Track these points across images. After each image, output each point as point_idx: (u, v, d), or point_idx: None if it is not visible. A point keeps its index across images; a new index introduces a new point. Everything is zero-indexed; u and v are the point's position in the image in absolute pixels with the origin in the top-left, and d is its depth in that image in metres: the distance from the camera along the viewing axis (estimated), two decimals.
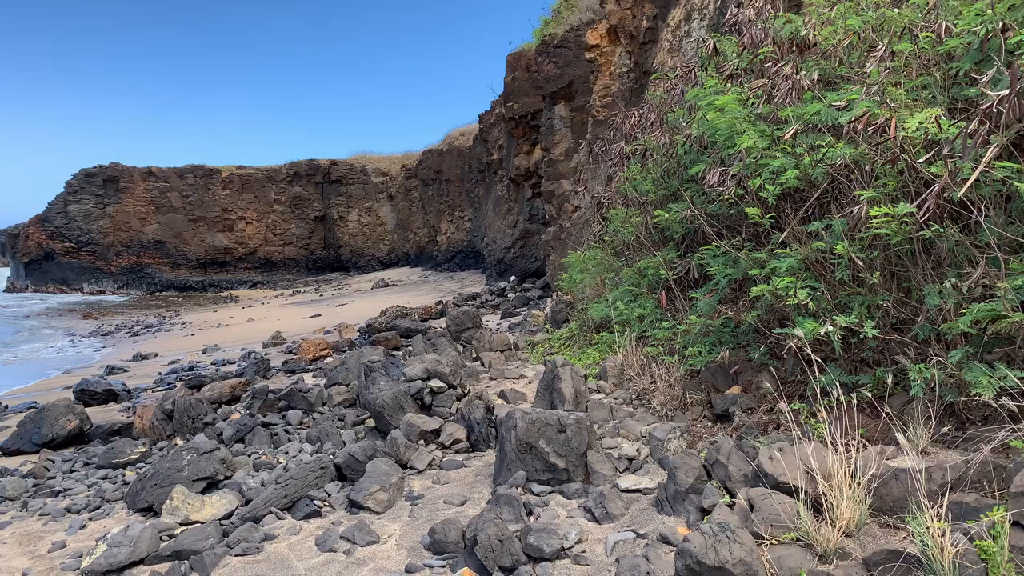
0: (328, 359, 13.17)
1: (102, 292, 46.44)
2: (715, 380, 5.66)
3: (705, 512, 4.03)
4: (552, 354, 8.56)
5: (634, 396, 6.31)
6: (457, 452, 6.13)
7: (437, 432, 6.31)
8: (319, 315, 24.87)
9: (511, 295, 21.27)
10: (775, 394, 4.78)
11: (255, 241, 49.65)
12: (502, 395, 7.32)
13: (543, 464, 4.90)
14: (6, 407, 12.73)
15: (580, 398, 6.08)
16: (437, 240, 42.52)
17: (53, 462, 8.09)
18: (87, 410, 9.81)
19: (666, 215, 6.27)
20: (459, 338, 11.50)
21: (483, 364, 9.19)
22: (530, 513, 4.49)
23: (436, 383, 7.07)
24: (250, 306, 34.17)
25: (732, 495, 4.05)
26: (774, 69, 5.84)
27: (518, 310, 16.75)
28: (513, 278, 25.26)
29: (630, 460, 5.04)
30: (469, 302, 20.26)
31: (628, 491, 4.60)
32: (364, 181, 48.97)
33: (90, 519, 5.95)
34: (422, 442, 6.19)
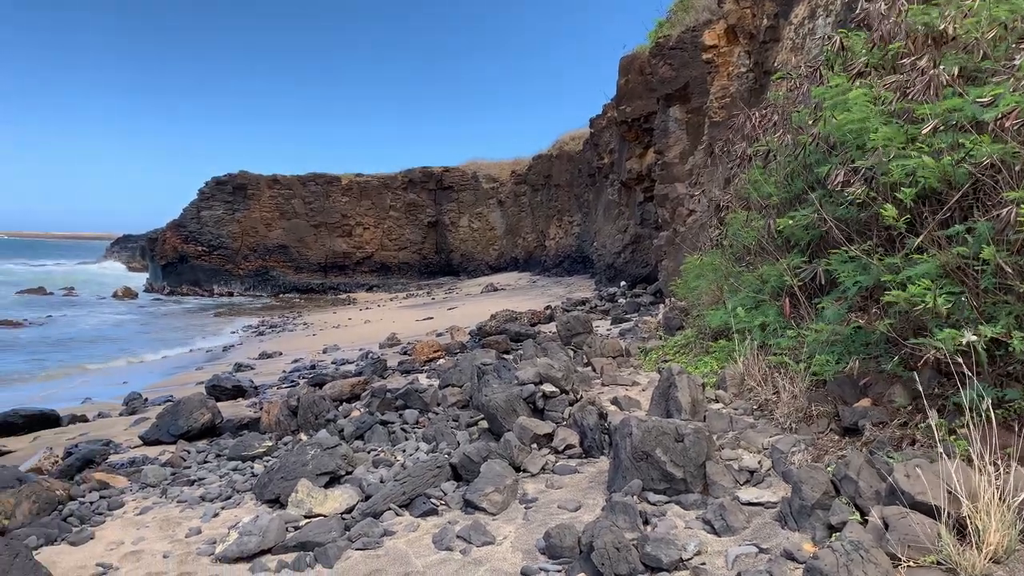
0: (441, 360, 13.41)
1: (230, 293, 49.21)
2: (842, 392, 5.40)
3: (833, 529, 3.85)
4: (666, 361, 8.41)
5: (755, 407, 6.10)
6: (570, 457, 6.10)
7: (550, 436, 6.31)
8: (431, 318, 25.40)
9: (621, 300, 21.03)
10: (911, 407, 4.51)
11: (372, 246, 51.35)
12: (615, 402, 7.24)
13: (659, 473, 4.81)
14: (146, 400, 13.69)
15: (697, 407, 5.94)
16: (545, 245, 42.62)
17: (188, 453, 8.58)
18: (218, 404, 10.36)
19: (790, 222, 6.03)
20: (570, 343, 11.46)
21: (595, 370, 9.13)
22: (646, 522, 4.42)
23: (548, 387, 7.08)
24: (367, 308, 35.33)
25: (863, 513, 3.84)
26: (909, 64, 5.53)
27: (629, 316, 16.54)
28: (623, 283, 25.00)
29: (751, 472, 4.88)
30: (578, 307, 20.16)
31: (749, 504, 4.46)
32: (475, 187, 49.76)
33: (222, 508, 6.26)
34: (535, 446, 6.20)
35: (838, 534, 3.72)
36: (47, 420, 11.91)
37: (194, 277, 50.23)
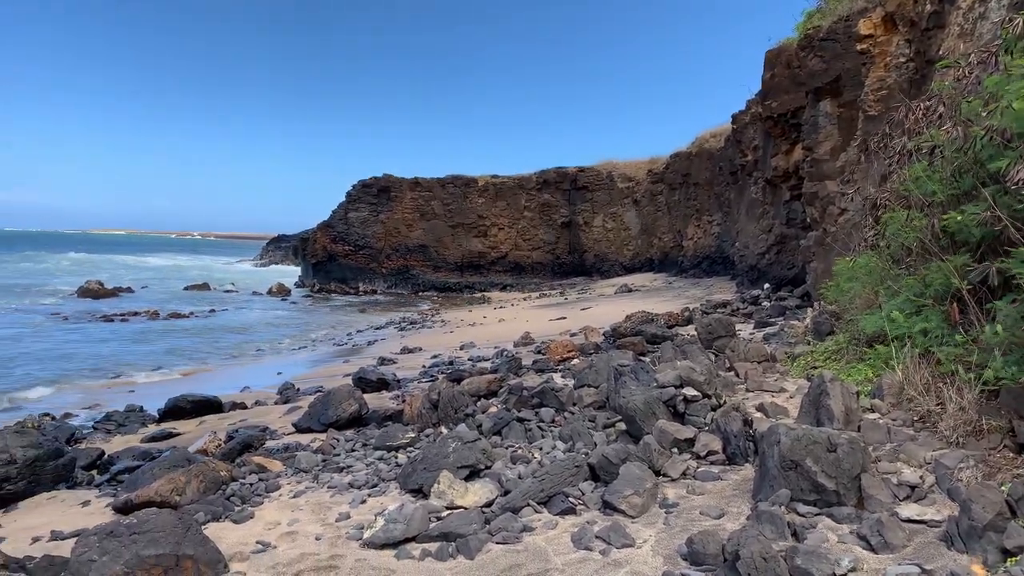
0: (575, 361, 13.41)
1: (374, 291, 51.50)
2: (1019, 405, 4.94)
3: (1008, 553, 3.54)
4: (816, 368, 8.00)
5: (916, 418, 5.69)
6: (712, 464, 5.93)
7: (691, 441, 6.16)
8: (564, 318, 25.47)
9: (765, 303, 20.21)
10: None
11: (506, 246, 52.16)
12: (761, 408, 6.98)
13: (809, 484, 4.59)
14: (298, 389, 14.59)
15: (851, 417, 5.62)
16: (683, 245, 41.65)
17: (338, 441, 9.04)
18: (364, 396, 10.85)
19: (959, 217, 5.58)
20: (711, 346, 11.14)
21: (738, 375, 8.83)
22: (795, 534, 4.23)
23: (690, 391, 6.91)
24: (501, 307, 35.90)
25: None
26: None
27: (773, 320, 15.87)
28: (767, 286, 24.03)
29: (912, 488, 4.56)
30: (719, 309, 19.54)
31: (910, 521, 4.18)
32: (610, 187, 49.44)
33: (369, 495, 6.54)
34: (675, 450, 6.08)
35: (1015, 559, 3.43)
36: (211, 406, 12.96)
37: (341, 275, 53.00)
